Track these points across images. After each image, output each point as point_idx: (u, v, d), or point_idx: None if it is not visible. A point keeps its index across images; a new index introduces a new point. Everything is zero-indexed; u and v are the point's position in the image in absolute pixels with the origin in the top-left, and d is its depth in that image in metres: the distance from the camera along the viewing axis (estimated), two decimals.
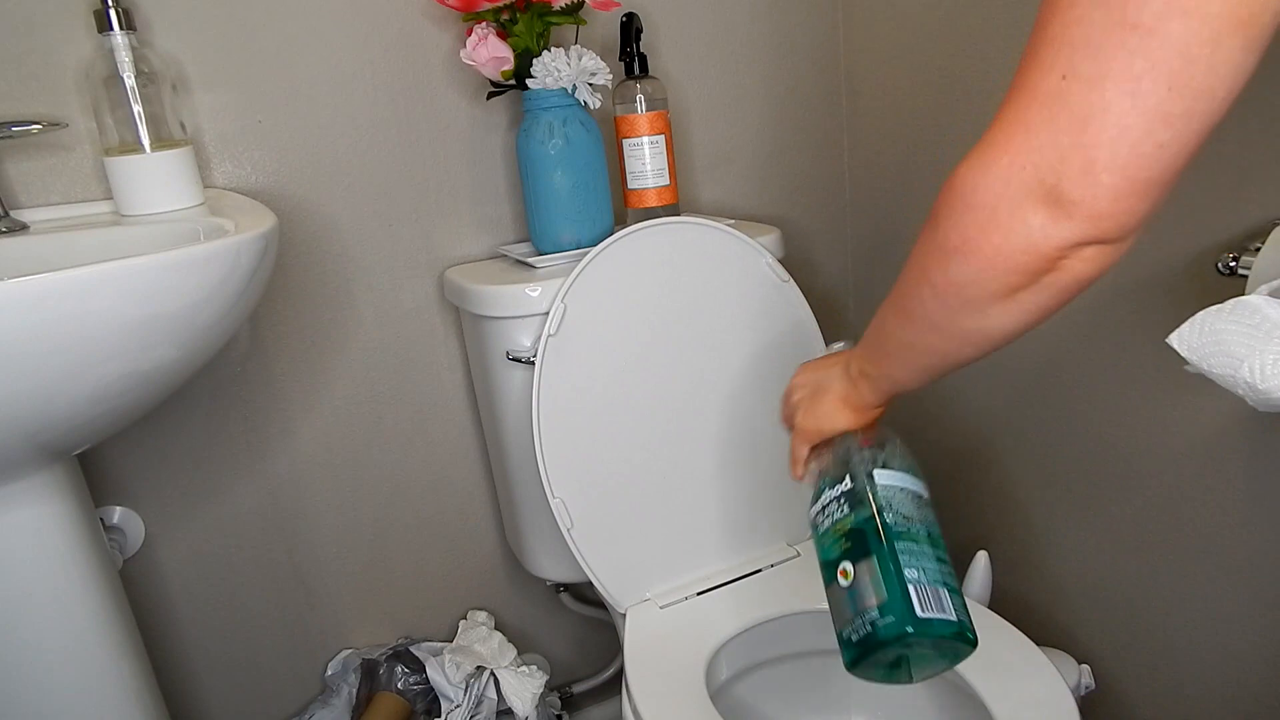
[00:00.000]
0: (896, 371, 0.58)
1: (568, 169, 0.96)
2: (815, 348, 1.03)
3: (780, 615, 0.95)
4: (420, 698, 1.08)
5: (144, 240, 0.80)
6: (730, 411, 1.00)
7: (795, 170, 1.26)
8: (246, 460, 1.03)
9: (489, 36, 0.93)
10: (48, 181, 0.87)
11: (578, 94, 0.95)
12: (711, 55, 1.17)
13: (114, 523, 0.97)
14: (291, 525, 1.07)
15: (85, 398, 0.62)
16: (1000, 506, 1.18)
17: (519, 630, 1.23)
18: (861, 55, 1.22)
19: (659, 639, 0.92)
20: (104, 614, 0.78)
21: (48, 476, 0.73)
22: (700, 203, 1.21)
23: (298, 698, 1.12)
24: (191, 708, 1.06)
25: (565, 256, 0.98)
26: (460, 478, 1.15)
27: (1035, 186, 0.41)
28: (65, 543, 0.74)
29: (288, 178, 0.98)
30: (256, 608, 1.07)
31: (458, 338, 1.10)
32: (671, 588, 1.00)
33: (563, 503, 0.93)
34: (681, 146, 1.18)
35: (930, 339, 0.51)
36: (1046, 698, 0.77)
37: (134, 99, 0.82)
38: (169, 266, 0.60)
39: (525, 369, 0.94)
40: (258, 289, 0.71)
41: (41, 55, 0.85)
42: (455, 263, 1.07)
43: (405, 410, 1.10)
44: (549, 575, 1.07)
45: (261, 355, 1.01)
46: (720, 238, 0.97)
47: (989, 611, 0.89)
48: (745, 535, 1.04)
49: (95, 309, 0.57)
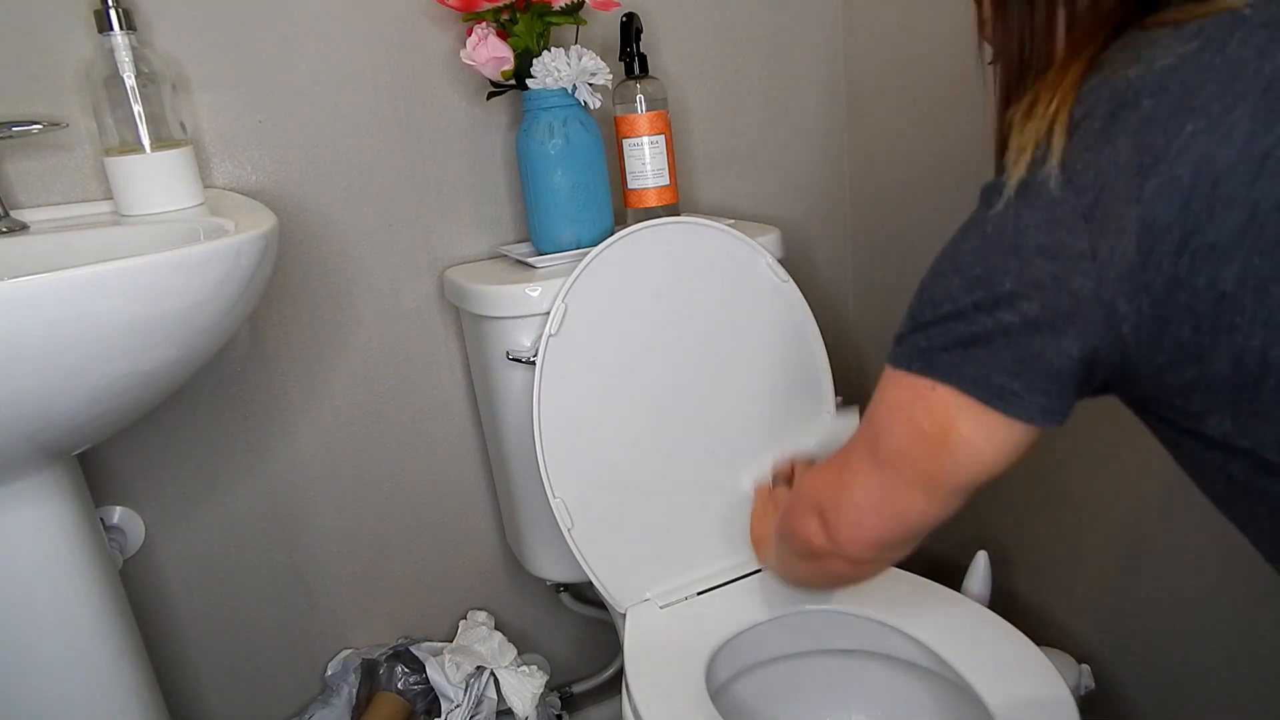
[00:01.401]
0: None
1: (568, 169, 0.96)
2: (815, 348, 1.03)
3: (780, 615, 0.95)
4: (420, 698, 1.08)
5: (144, 240, 0.80)
6: (730, 411, 1.00)
7: (795, 170, 1.26)
8: (246, 460, 1.03)
9: (489, 36, 0.93)
10: (48, 181, 0.87)
11: (578, 94, 0.95)
12: (711, 55, 1.17)
13: (114, 523, 0.97)
14: (291, 525, 1.07)
15: (85, 398, 0.62)
16: (1000, 506, 1.18)
17: (519, 630, 1.23)
18: (861, 55, 1.22)
19: (659, 639, 0.92)
20: (104, 614, 0.78)
21: (48, 476, 0.73)
22: (700, 203, 1.21)
23: (298, 697, 1.12)
24: (192, 707, 1.06)
25: (565, 256, 0.98)
26: (460, 478, 1.15)
27: (818, 505, 0.63)
28: (65, 543, 0.74)
29: (288, 178, 0.98)
30: (256, 608, 1.07)
31: (458, 338, 1.10)
32: (671, 588, 1.00)
33: (563, 503, 0.93)
34: (681, 146, 1.18)
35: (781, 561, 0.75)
36: (1046, 698, 0.77)
37: (134, 99, 0.82)
38: (169, 266, 0.60)
39: (525, 369, 0.94)
40: (258, 289, 0.71)
41: (41, 55, 0.85)
42: (455, 263, 1.07)
43: (405, 410, 1.10)
44: (549, 575, 1.07)
45: (261, 355, 1.01)
46: (720, 238, 0.97)
47: (989, 611, 0.89)
48: (745, 535, 1.04)
49: (95, 309, 0.57)
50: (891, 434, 0.56)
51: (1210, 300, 0.43)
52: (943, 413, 0.52)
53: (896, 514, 0.58)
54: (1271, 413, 0.44)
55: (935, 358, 0.52)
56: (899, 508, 0.58)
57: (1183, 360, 0.45)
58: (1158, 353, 0.46)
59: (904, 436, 0.55)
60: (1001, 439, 0.52)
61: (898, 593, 0.94)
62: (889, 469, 0.57)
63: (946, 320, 0.51)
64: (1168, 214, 0.43)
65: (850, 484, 0.60)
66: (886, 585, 0.95)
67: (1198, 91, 0.43)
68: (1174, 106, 0.43)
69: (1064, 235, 0.46)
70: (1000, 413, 0.50)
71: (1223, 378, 0.44)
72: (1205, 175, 0.42)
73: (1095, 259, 0.45)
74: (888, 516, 0.59)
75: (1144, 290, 0.44)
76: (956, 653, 0.84)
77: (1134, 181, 0.43)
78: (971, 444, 0.52)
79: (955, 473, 0.54)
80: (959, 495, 0.57)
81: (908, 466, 0.56)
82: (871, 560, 0.62)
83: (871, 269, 1.31)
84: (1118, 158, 0.44)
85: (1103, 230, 0.45)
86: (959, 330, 0.51)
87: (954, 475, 0.54)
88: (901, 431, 0.55)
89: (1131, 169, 0.44)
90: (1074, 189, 0.45)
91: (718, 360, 0.99)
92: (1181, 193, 0.43)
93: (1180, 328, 0.44)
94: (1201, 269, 0.43)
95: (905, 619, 0.90)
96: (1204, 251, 0.43)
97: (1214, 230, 0.42)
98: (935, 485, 0.56)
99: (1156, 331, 0.45)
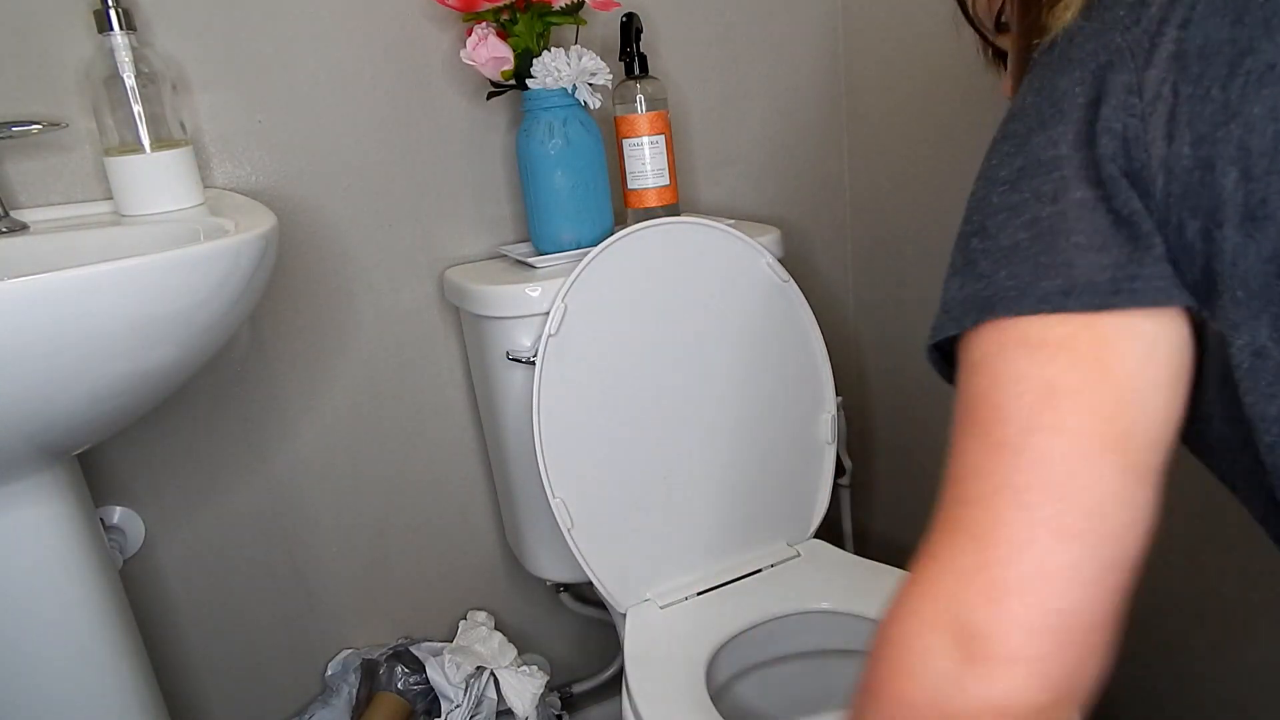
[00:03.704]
0: None
1: (568, 169, 0.96)
2: (816, 347, 1.03)
3: (780, 615, 0.95)
4: (420, 698, 1.08)
5: (144, 240, 0.80)
6: (730, 411, 1.00)
7: (795, 170, 1.26)
8: (246, 460, 1.03)
9: (489, 36, 0.93)
10: (48, 181, 0.87)
11: (578, 94, 0.95)
12: (711, 55, 1.17)
13: (114, 523, 0.97)
14: (291, 525, 1.07)
15: (85, 398, 0.62)
16: None
17: (519, 630, 1.23)
18: (861, 55, 1.22)
19: (659, 639, 0.92)
20: (104, 614, 0.78)
21: (48, 476, 0.73)
22: (700, 203, 1.21)
23: (298, 698, 1.12)
24: (192, 708, 1.06)
25: (565, 256, 0.98)
26: (460, 478, 1.15)
27: (943, 620, 0.36)
28: (65, 543, 0.74)
29: (288, 178, 0.98)
30: (257, 608, 1.07)
31: (458, 338, 1.10)
32: (671, 588, 1.00)
33: (563, 503, 0.93)
34: (681, 146, 1.18)
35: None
36: None
37: (134, 99, 0.82)
38: (169, 266, 0.60)
39: (525, 369, 0.94)
40: (258, 289, 0.71)
41: (41, 55, 0.85)
42: (455, 263, 1.07)
43: (405, 410, 1.10)
44: (549, 575, 1.07)
45: (261, 355, 1.01)
46: (720, 238, 0.97)
47: None
48: (745, 535, 1.04)
49: (95, 309, 0.57)
50: (1022, 406, 0.37)
51: (1271, 135, 0.34)
52: (1066, 343, 0.37)
53: (1094, 532, 0.35)
54: None
55: (1019, 292, 0.38)
56: (1087, 502, 0.35)
57: (1227, 221, 0.35)
58: (1195, 214, 0.36)
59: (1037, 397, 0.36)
60: (1159, 352, 0.37)
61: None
62: (1031, 453, 0.36)
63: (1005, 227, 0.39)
64: (1219, 31, 0.36)
65: (987, 521, 0.36)
66: (886, 585, 0.95)
67: None
68: None
69: (1110, 64, 0.38)
70: (1128, 308, 0.37)
71: (1267, 252, 0.35)
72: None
73: (1142, 94, 0.37)
74: (1078, 534, 0.35)
75: (1187, 125, 0.36)
76: None
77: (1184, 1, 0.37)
78: (1125, 367, 0.37)
79: (1140, 420, 0.37)
80: (1158, 469, 0.37)
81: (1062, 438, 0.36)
82: (1071, 673, 0.36)
83: (872, 269, 1.31)
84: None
85: (1150, 60, 0.37)
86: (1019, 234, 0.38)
87: (1139, 432, 0.36)
88: (1032, 395, 0.37)
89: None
90: (1122, 21, 0.38)
91: (718, 360, 0.99)
92: (1234, 6, 0.36)
93: (1226, 173, 0.35)
94: (1257, 94, 0.35)
95: None
96: (1262, 72, 0.35)
97: (1274, 48, 0.35)
98: (1124, 450, 0.36)
99: (1198, 181, 0.36)
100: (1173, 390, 0.38)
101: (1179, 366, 0.38)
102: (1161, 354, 0.37)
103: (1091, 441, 0.36)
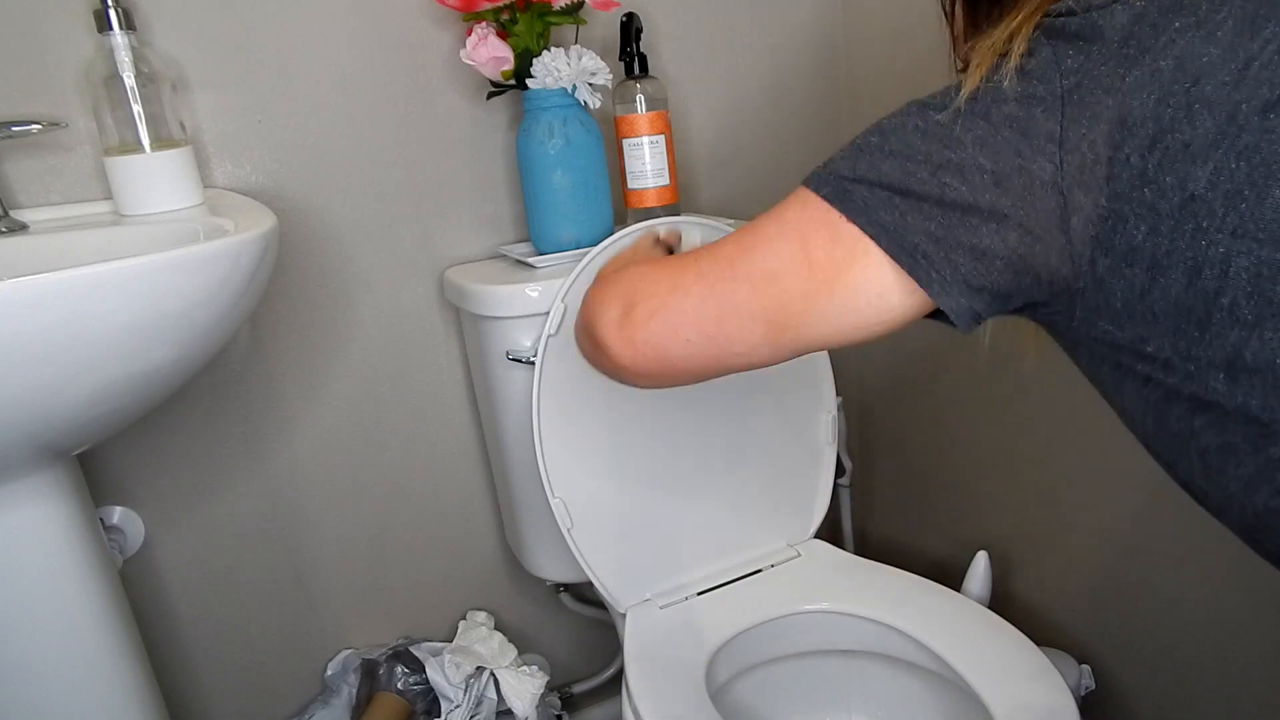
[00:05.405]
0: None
1: (568, 169, 0.96)
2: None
3: (780, 615, 0.95)
4: (420, 698, 1.08)
5: (144, 240, 0.80)
6: (730, 411, 1.00)
7: (795, 170, 1.26)
8: (246, 460, 1.03)
9: (489, 36, 0.93)
10: (48, 181, 0.87)
11: (578, 94, 0.95)
12: (711, 55, 1.17)
13: (114, 523, 0.97)
14: (291, 525, 1.07)
15: (85, 398, 0.62)
16: (1000, 506, 1.18)
17: (519, 630, 1.23)
18: (861, 55, 1.22)
19: (659, 639, 0.92)
20: (104, 614, 0.78)
21: (48, 476, 0.73)
22: (700, 203, 1.21)
23: (298, 698, 1.12)
24: (191, 708, 1.06)
25: (565, 256, 0.98)
26: (460, 478, 1.15)
27: (631, 295, 0.55)
28: (65, 543, 0.74)
29: (288, 178, 0.98)
30: (256, 608, 1.07)
31: (458, 338, 1.10)
32: (671, 588, 1.00)
33: (563, 503, 0.93)
34: (681, 146, 1.18)
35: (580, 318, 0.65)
36: (1046, 698, 0.77)
37: (134, 99, 0.82)
38: (169, 266, 0.60)
39: (525, 369, 0.94)
40: (258, 289, 0.71)
41: (41, 55, 0.85)
42: (455, 263, 1.07)
43: (405, 410, 1.10)
44: (549, 575, 1.07)
45: (261, 355, 1.01)
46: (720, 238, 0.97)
47: (989, 611, 0.89)
48: (745, 535, 1.04)
49: (95, 309, 0.57)
50: (772, 250, 0.50)
51: (1176, 201, 0.41)
52: (844, 249, 0.47)
53: (719, 340, 0.51)
54: (1219, 338, 0.41)
55: (853, 192, 0.48)
56: (728, 333, 0.51)
57: (1132, 266, 0.43)
58: (1105, 254, 0.43)
59: (787, 258, 0.49)
60: (889, 303, 0.48)
61: (898, 593, 0.94)
62: (745, 288, 0.50)
63: (886, 158, 0.48)
64: (1144, 107, 0.42)
65: (687, 288, 0.52)
66: (886, 585, 0.95)
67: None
68: (1165, 4, 0.43)
69: (1038, 113, 0.44)
70: (906, 271, 0.46)
71: (1171, 293, 0.42)
72: (1187, 71, 0.41)
73: (1062, 145, 0.43)
74: (708, 338, 0.51)
75: (1106, 182, 0.42)
76: (956, 653, 0.84)
77: (1117, 72, 0.43)
78: (856, 295, 0.48)
79: (817, 322, 0.49)
80: (795, 353, 0.51)
81: (770, 293, 0.49)
82: (652, 378, 0.55)
83: None
84: (1105, 48, 0.43)
85: (1076, 116, 0.43)
86: (893, 176, 0.47)
87: (814, 325, 0.49)
88: (787, 252, 0.49)
89: (1116, 59, 0.43)
90: (1059, 71, 0.44)
91: None
92: (1161, 85, 0.41)
93: (1136, 227, 0.42)
94: (1171, 167, 0.41)
95: (905, 619, 0.90)
96: (1177, 150, 0.41)
97: (1190, 129, 0.41)
98: (786, 328, 0.50)
99: (1109, 230, 0.43)
100: (862, 332, 0.50)
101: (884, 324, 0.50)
102: (885, 304, 0.49)
103: (761, 313, 0.50)
